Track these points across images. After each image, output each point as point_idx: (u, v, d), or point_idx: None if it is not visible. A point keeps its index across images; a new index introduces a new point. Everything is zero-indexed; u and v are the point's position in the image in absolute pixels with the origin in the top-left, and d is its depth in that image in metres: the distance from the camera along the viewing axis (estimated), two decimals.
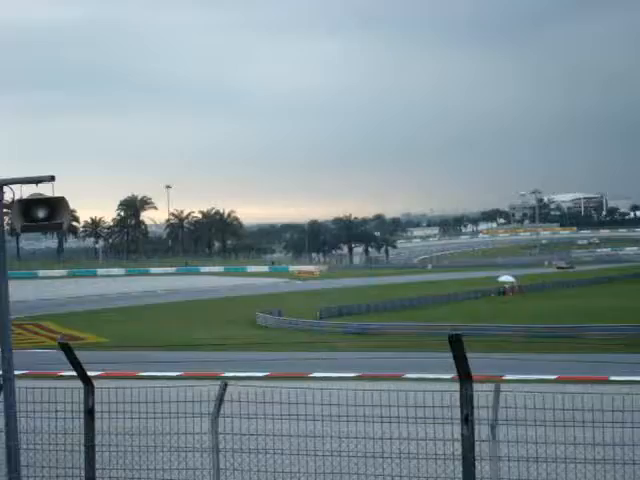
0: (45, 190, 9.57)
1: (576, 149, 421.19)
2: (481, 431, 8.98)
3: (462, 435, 8.84)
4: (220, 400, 9.90)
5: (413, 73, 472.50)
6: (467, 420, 8.76)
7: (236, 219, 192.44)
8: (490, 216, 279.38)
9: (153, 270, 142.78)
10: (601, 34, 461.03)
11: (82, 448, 10.22)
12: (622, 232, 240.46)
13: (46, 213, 9.51)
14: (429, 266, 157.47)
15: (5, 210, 9.97)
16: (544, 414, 9.04)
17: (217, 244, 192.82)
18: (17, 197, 9.60)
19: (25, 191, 9.59)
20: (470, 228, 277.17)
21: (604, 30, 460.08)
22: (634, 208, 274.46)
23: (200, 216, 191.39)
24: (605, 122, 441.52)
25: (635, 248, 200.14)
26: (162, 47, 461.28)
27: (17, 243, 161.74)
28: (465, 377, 8.80)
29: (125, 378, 27.80)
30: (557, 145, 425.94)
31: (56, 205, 9.55)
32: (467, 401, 8.77)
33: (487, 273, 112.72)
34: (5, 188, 9.73)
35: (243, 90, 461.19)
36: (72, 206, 9.81)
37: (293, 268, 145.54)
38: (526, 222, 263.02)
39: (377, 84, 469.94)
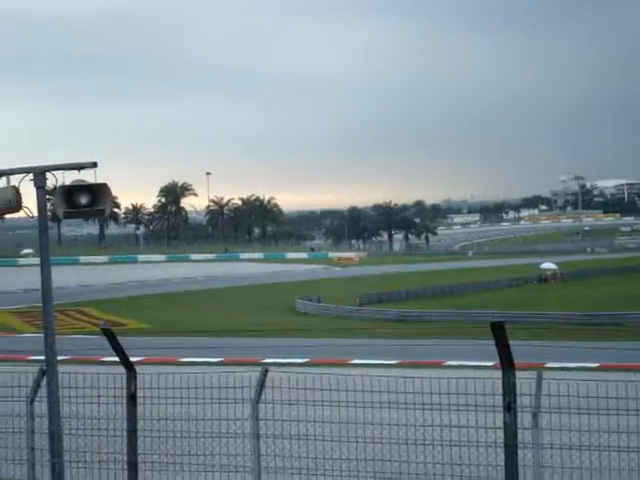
0: (87, 176, 9.61)
1: (620, 135, 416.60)
2: (523, 419, 8.92)
3: (504, 423, 8.79)
4: (261, 386, 9.92)
5: (449, 55, 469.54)
6: (510, 408, 8.71)
7: (276, 206, 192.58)
8: (532, 202, 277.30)
9: (193, 256, 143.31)
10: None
11: (124, 433, 10.28)
12: None
13: (88, 199, 9.54)
14: (470, 253, 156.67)
15: (47, 196, 10.03)
16: (587, 402, 8.96)
17: (257, 231, 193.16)
18: (59, 183, 9.65)
19: (67, 177, 9.64)
20: (511, 215, 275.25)
21: None
22: None
23: (240, 203, 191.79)
24: None
25: None
26: (204, 31, 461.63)
27: (59, 229, 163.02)
28: (508, 365, 8.74)
29: (166, 364, 27.96)
30: (600, 130, 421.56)
31: (98, 191, 9.58)
32: (510, 389, 8.71)
33: (529, 260, 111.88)
34: (47, 174, 9.78)
35: (277, 76, 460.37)
36: (113, 192, 9.83)
37: (333, 255, 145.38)
38: (568, 209, 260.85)
39: (414, 67, 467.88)
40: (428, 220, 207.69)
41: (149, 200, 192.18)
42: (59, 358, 10.16)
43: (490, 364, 21.87)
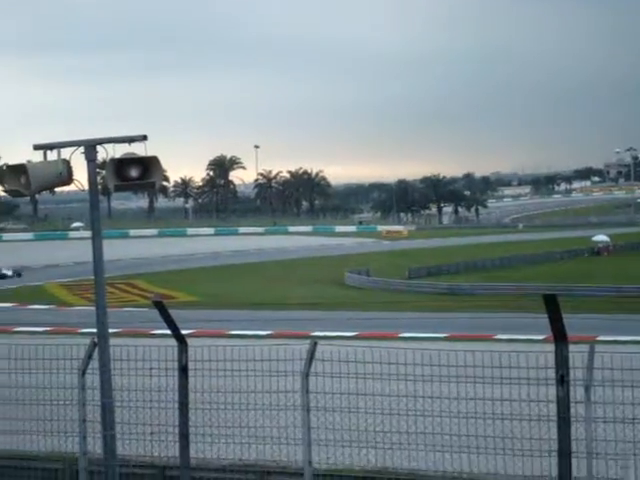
0: (137, 150, 9.63)
1: None
2: (575, 392, 8.84)
3: (557, 396, 8.71)
4: (310, 359, 9.91)
5: (501, 27, 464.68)
6: (563, 381, 8.63)
7: (324, 179, 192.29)
8: (583, 174, 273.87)
9: (242, 230, 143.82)
10: None
11: (175, 405, 10.33)
12: None
13: (139, 172, 9.56)
14: (520, 225, 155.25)
15: (98, 169, 10.06)
16: None
17: (305, 204, 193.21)
18: (110, 156, 9.67)
19: (118, 150, 9.66)
20: (563, 187, 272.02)
21: None
22: None
23: (288, 176, 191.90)
24: None
25: None
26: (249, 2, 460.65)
27: (109, 202, 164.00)
28: (560, 338, 8.65)
29: (216, 337, 28.15)
30: None
31: (149, 164, 9.59)
32: (563, 362, 8.63)
33: (580, 232, 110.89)
34: (98, 147, 9.81)
35: (326, 47, 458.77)
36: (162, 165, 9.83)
37: (381, 228, 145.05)
38: (621, 181, 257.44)
39: (465, 39, 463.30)
40: (478, 192, 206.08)
41: (198, 174, 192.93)
42: (110, 331, 10.23)
43: (541, 337, 21.78)
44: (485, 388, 9.37)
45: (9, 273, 73.39)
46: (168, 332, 10.22)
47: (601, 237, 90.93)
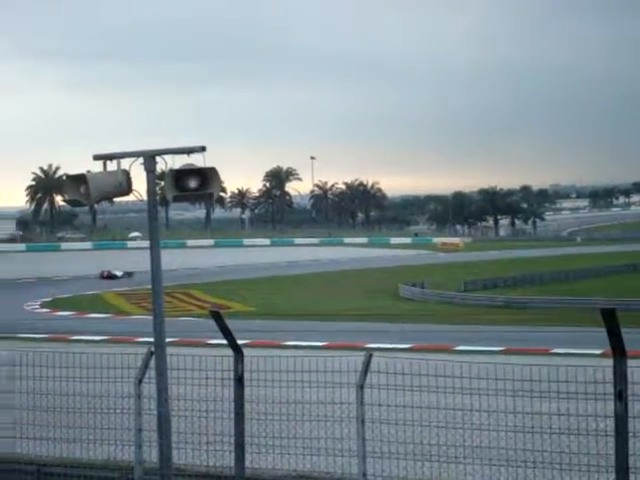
0: (196, 161, 9.72)
1: None
2: (634, 407, 8.74)
3: (615, 411, 8.61)
4: (365, 370, 9.89)
5: (557, 36, 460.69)
6: (621, 396, 8.53)
7: (380, 190, 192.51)
8: None
9: (297, 241, 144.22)
10: None
11: (231, 415, 10.36)
12: None
13: (197, 183, 9.65)
14: (578, 239, 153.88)
15: (157, 180, 10.16)
16: None
17: (360, 215, 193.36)
18: (169, 167, 9.78)
19: (177, 161, 9.76)
20: (622, 200, 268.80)
21: None
22: None
23: (344, 187, 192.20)
24: None
25: None
26: (301, 14, 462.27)
27: (166, 213, 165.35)
28: (619, 352, 8.56)
29: (271, 347, 28.22)
30: None
31: (207, 175, 9.68)
32: (621, 377, 8.53)
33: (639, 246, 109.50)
34: (157, 158, 9.91)
35: (380, 60, 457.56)
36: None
37: (437, 240, 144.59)
38: None
39: (519, 49, 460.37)
40: (535, 205, 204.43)
41: (254, 184, 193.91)
42: (166, 340, 10.29)
43: (599, 352, 21.51)
44: (542, 402, 9.29)
45: (119, 274, 76.33)
46: (224, 342, 10.27)
47: None
